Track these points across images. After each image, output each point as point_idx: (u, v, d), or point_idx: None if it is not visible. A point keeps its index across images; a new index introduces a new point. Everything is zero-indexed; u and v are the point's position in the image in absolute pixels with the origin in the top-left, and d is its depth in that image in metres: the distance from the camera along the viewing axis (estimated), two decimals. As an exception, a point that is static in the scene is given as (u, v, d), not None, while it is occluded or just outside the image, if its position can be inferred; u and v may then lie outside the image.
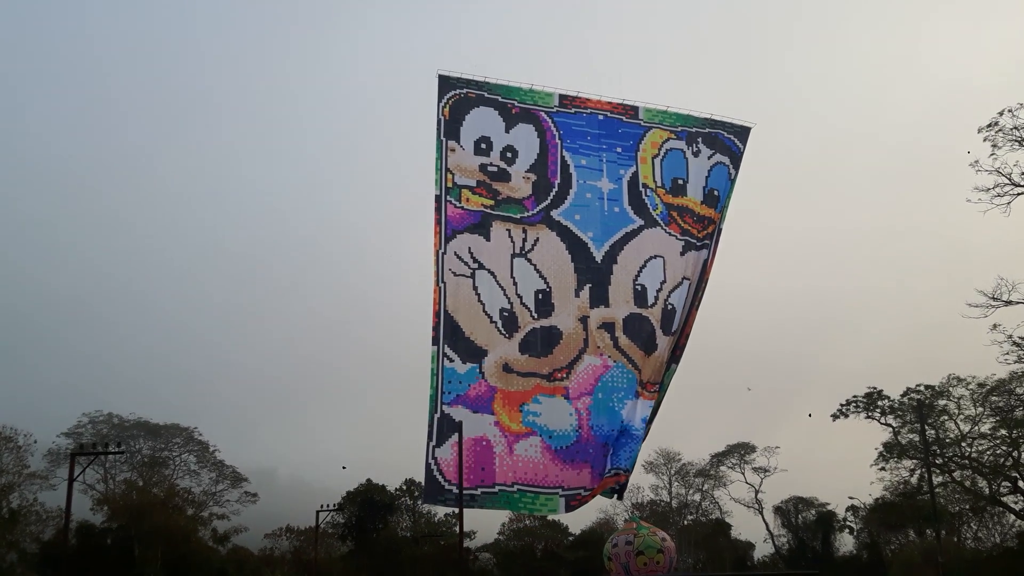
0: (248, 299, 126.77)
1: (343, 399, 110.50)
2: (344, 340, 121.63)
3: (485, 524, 75.14)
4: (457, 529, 50.59)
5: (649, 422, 10.83)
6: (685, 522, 76.49)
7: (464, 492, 9.25)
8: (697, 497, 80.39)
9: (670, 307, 10.96)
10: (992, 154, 35.22)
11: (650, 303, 10.86)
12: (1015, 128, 34.71)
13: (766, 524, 77.10)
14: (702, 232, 11.29)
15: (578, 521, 76.47)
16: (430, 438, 9.31)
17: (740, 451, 77.50)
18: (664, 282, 11.10)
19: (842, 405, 66.91)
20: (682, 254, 11.24)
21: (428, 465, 9.21)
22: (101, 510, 55.67)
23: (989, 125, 34.93)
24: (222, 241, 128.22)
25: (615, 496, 10.57)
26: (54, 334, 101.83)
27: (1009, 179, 35.13)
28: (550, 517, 75.98)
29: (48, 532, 52.69)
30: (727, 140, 11.44)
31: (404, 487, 72.89)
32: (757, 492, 77.05)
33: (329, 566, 63.17)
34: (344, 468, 79.46)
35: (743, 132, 11.40)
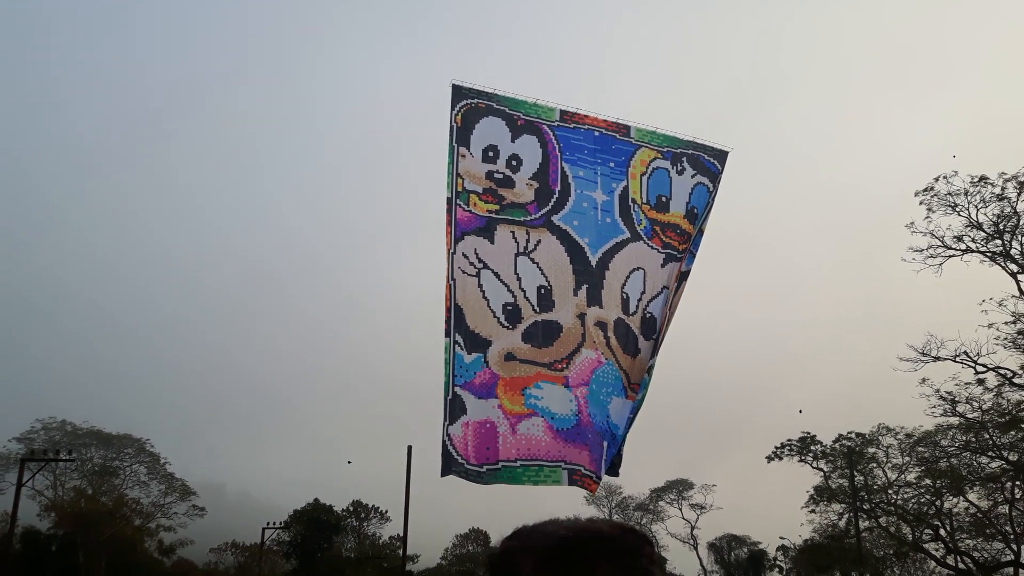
0: (207, 318, 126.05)
1: (295, 421, 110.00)
2: (300, 366, 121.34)
3: (428, 548, 74.93)
4: (401, 552, 50.90)
5: (629, 424, 11.39)
6: (622, 555, 76.73)
7: (471, 469, 9.74)
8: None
9: (648, 315, 11.58)
10: (927, 217, 36.74)
11: (631, 311, 11.44)
12: (949, 194, 36.22)
13: (700, 560, 77.86)
14: (682, 246, 11.95)
15: (519, 549, 76.37)
16: (445, 418, 9.77)
17: (679, 487, 78.36)
18: (644, 292, 11.66)
19: (776, 448, 68.22)
20: (663, 266, 11.86)
21: (443, 441, 9.67)
22: (48, 516, 54.58)
23: (925, 190, 36.44)
24: (176, 256, 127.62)
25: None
26: (11, 340, 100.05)
27: (942, 242, 36.58)
28: (493, 543, 75.81)
29: (-8, 536, 51.57)
30: (708, 162, 12.11)
31: (351, 508, 72.54)
32: (693, 528, 77.88)
33: (273, 583, 62.59)
34: (350, 463, 79.84)
35: (722, 155, 12.13)
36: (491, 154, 11.99)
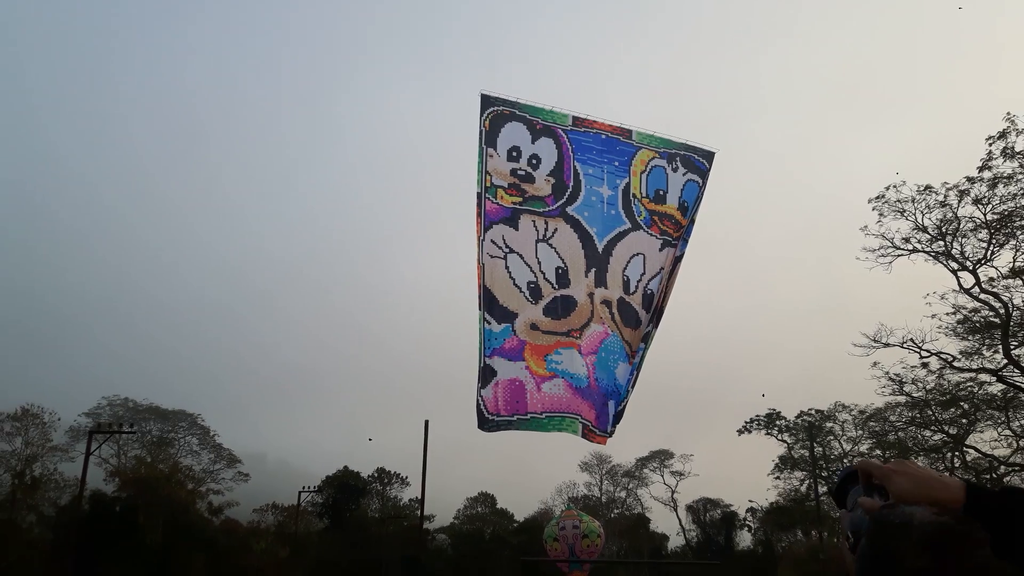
0: (250, 308, 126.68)
1: (327, 399, 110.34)
2: (329, 351, 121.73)
3: (442, 509, 75.18)
4: (419, 512, 51.24)
5: (630, 383, 11.65)
6: (612, 515, 77.19)
7: (502, 420, 10.08)
8: (623, 494, 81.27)
9: (649, 292, 11.82)
10: (879, 221, 37.00)
11: (632, 291, 11.67)
12: (898, 201, 36.46)
13: (679, 520, 78.11)
14: (676, 233, 12.19)
15: (521, 510, 76.99)
16: (478, 381, 10.10)
17: (661, 457, 78.59)
18: (644, 273, 11.92)
19: (746, 422, 68.56)
20: (660, 250, 12.10)
21: (477, 403, 10.00)
22: (112, 481, 54.72)
23: (877, 197, 36.67)
24: (223, 255, 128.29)
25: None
26: (83, 328, 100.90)
27: (892, 243, 36.85)
28: (499, 505, 76.04)
29: (64, 498, 51.69)
30: (698, 162, 12.34)
31: (375, 474, 72.70)
32: (673, 492, 78.14)
33: (308, 539, 62.75)
34: (370, 440, 79.93)
35: (709, 155, 12.41)
36: (515, 154, 12.24)
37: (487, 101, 11.95)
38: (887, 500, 1.92)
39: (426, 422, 43.11)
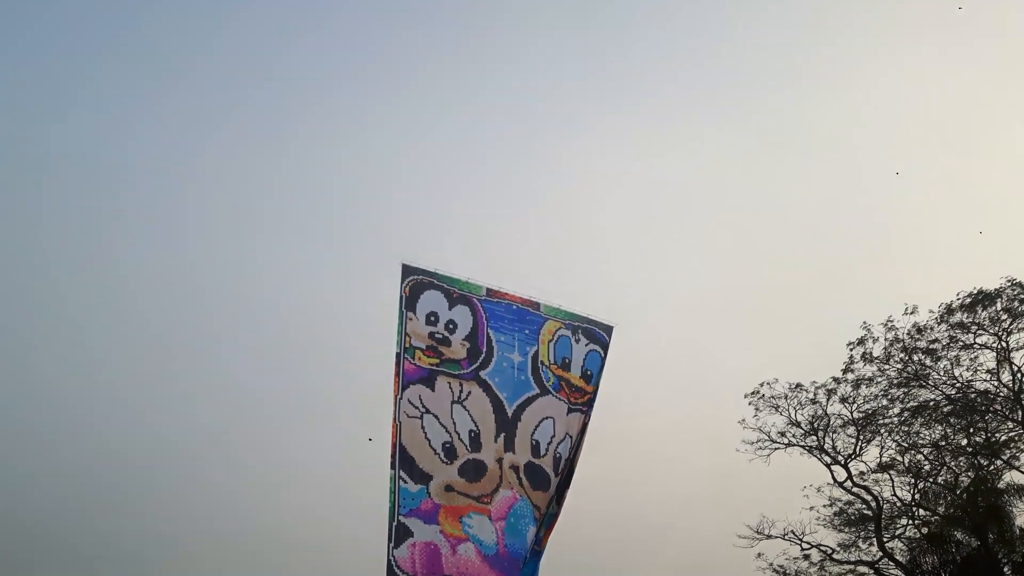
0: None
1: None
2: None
3: None
4: None
5: (543, 540, 11.82)
6: None
7: (416, 584, 10.16)
8: None
9: (558, 455, 12.34)
10: (755, 416, 39.25)
11: (542, 453, 12.16)
12: (772, 397, 38.99)
13: None
14: (581, 399, 12.94)
15: None
16: (389, 540, 9.96)
17: None
18: (553, 436, 12.48)
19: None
20: (567, 414, 12.79)
21: (389, 563, 9.82)
22: None
23: (753, 393, 39.17)
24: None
25: None
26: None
27: (768, 436, 38.96)
28: None
29: None
30: (598, 334, 13.44)
31: None
32: None
33: None
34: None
35: (608, 328, 13.58)
36: (432, 319, 13.15)
37: (407, 270, 12.99)
38: None
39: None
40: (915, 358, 35.62)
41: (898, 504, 37.37)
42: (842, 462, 37.53)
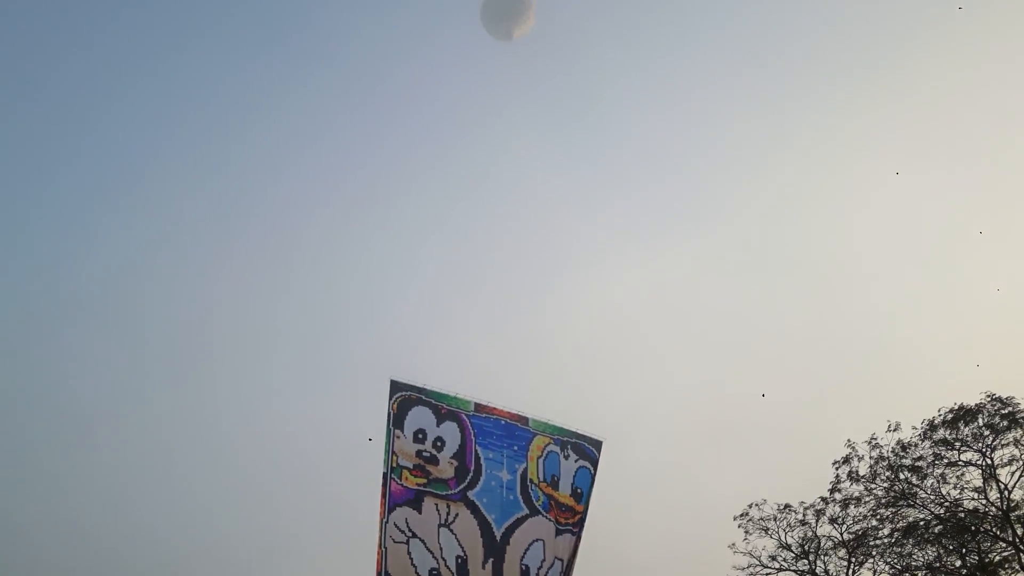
0: None
1: None
2: None
3: None
4: None
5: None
6: None
7: None
8: None
9: (549, 580, 12.04)
10: (745, 539, 38.39)
11: None
12: (761, 519, 38.27)
13: None
14: (571, 520, 12.54)
15: None
16: None
17: None
18: (544, 560, 12.03)
19: None
20: (556, 536, 12.37)
21: None
22: None
23: (742, 515, 38.46)
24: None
25: None
26: None
27: (759, 560, 38.00)
28: None
29: None
30: (588, 449, 13.20)
31: None
32: None
33: None
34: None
35: (598, 443, 13.38)
36: (420, 436, 12.95)
37: (395, 386, 12.86)
38: None
39: None
40: (901, 476, 35.28)
41: (896, 630, 36.16)
42: (835, 586, 36.50)
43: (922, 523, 35.09)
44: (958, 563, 35.09)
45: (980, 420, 33.25)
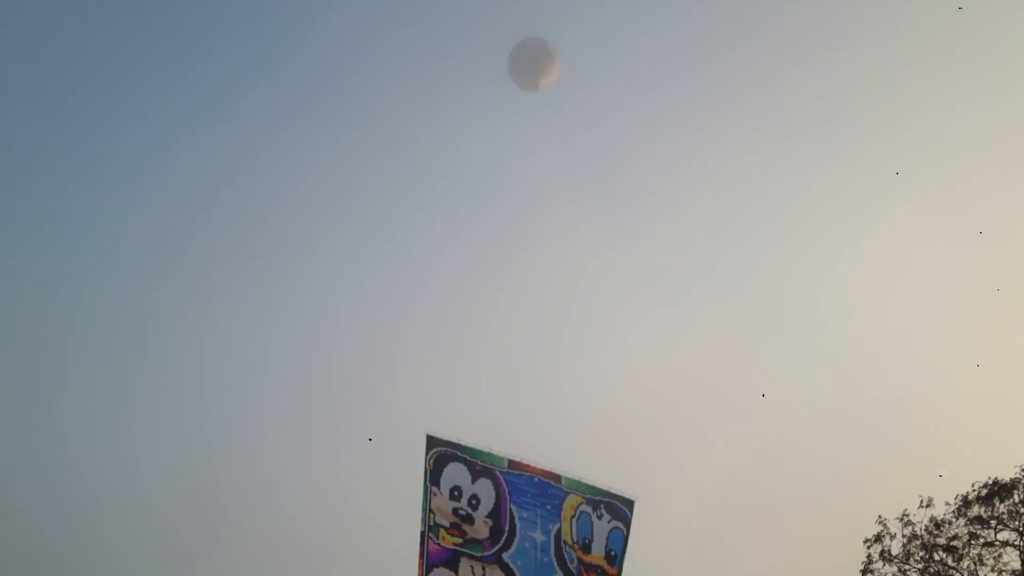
0: None
1: None
2: None
3: None
4: None
5: None
6: None
7: None
8: None
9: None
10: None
11: None
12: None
13: None
14: None
15: None
16: None
17: None
18: None
19: None
20: None
21: None
22: None
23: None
24: None
25: None
26: None
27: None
28: None
29: None
30: (620, 508, 13.13)
31: None
32: None
33: None
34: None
35: (630, 503, 13.33)
36: (456, 493, 13.04)
37: (432, 442, 13.02)
38: None
39: None
40: (936, 556, 34.29)
41: None
42: (873, 675, 35.07)
43: (960, 607, 33.98)
44: (1002, 650, 33.79)
45: (1016, 496, 32.50)
